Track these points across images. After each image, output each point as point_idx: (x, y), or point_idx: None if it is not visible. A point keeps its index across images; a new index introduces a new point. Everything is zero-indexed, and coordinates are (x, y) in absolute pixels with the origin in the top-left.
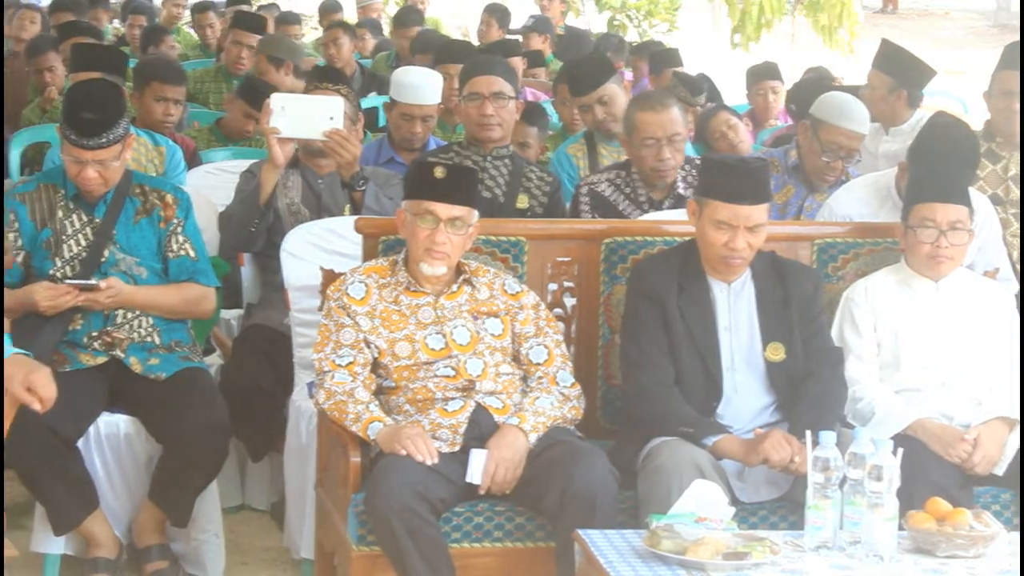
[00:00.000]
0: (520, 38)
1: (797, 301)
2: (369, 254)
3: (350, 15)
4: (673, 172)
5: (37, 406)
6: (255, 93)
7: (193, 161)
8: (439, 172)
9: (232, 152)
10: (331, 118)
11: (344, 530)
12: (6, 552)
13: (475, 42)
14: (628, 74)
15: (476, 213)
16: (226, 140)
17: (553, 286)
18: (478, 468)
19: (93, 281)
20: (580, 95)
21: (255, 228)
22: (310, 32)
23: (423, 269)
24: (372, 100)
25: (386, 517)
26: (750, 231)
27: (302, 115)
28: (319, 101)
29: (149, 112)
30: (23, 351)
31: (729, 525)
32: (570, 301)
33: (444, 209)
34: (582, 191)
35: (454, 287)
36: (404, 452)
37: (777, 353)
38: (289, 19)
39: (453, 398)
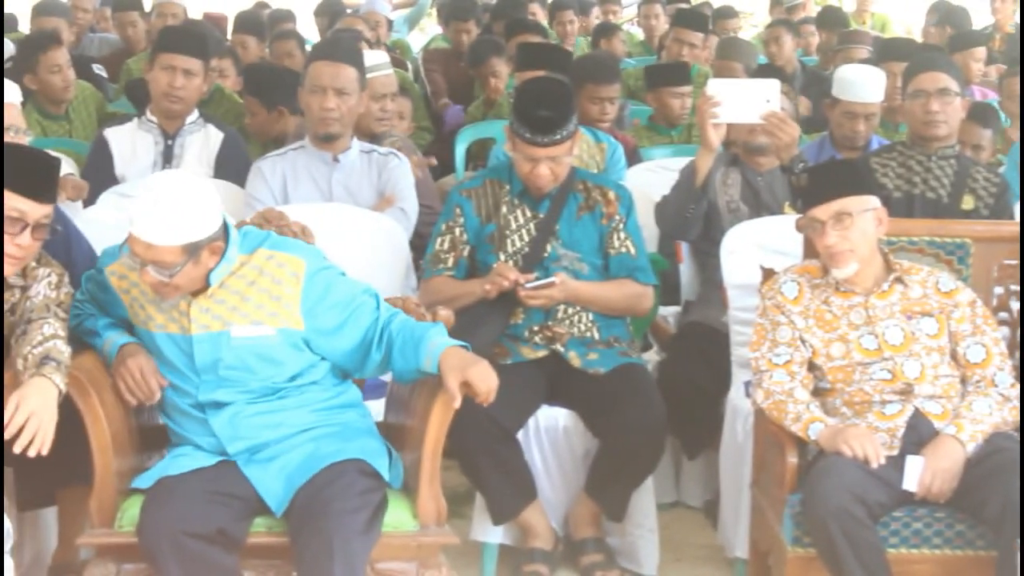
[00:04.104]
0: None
1: None
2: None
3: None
4: None
5: (465, 397)
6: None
7: (633, 158)
8: (803, 180)
9: (673, 150)
10: (768, 100)
11: (779, 531)
12: (446, 540)
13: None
14: None
15: (867, 198)
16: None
17: (999, 289)
18: (914, 476)
19: (548, 279)
20: None
21: (690, 214)
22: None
23: (835, 274)
24: None
25: (823, 520)
26: None
27: (739, 99)
28: (755, 84)
29: (585, 111)
30: (461, 343)
31: None
32: (1016, 305)
33: (821, 211)
34: None
35: (885, 286)
36: (849, 452)
37: None
38: (726, 13)
39: (891, 401)
